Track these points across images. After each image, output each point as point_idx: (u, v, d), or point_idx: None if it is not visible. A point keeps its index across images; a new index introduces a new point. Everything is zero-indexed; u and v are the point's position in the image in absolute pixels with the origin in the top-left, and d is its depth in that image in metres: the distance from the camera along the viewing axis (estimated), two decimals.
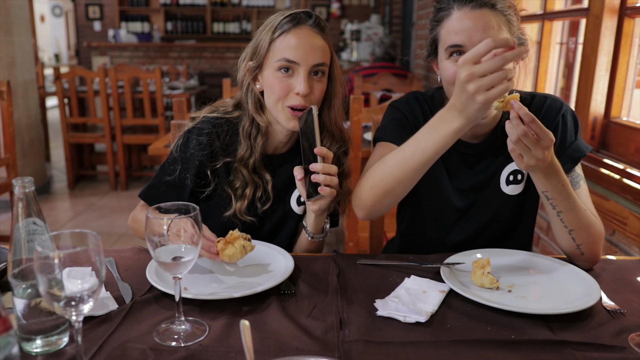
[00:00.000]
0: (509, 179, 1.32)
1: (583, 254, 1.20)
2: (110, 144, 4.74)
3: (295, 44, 1.24)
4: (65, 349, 0.88)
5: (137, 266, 1.19)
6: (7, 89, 2.69)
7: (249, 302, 1.03)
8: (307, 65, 1.24)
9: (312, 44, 1.25)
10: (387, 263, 1.23)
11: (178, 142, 1.35)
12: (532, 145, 1.05)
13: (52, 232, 0.80)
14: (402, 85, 3.92)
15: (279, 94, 1.26)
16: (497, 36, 1.14)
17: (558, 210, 1.17)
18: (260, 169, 1.35)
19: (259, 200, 1.35)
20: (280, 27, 1.27)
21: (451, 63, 1.19)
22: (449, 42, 1.18)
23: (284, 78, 1.25)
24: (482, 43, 0.98)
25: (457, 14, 1.18)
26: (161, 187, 1.33)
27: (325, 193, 1.18)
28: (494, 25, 1.15)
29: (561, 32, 2.77)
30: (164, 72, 5.82)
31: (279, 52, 1.25)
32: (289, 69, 1.25)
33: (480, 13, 1.16)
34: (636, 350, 0.90)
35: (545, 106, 1.31)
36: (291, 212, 1.41)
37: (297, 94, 1.24)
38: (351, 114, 2.29)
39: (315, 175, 1.17)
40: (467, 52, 1.01)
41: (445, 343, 0.91)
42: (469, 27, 1.15)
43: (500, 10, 1.17)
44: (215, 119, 1.34)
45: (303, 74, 1.24)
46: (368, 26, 7.34)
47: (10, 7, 4.17)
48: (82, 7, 9.20)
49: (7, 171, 2.85)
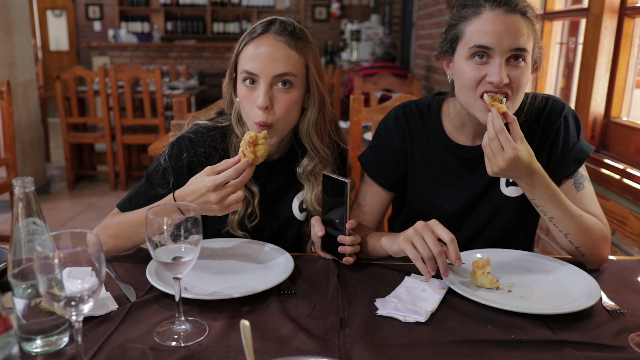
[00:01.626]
0: (509, 181, 1.32)
1: (584, 255, 1.20)
2: (110, 144, 4.74)
3: (253, 55, 1.21)
4: (65, 349, 0.88)
5: (137, 266, 1.19)
6: (7, 89, 2.69)
7: (249, 302, 1.03)
8: (267, 76, 1.20)
9: (272, 54, 1.20)
10: (387, 263, 1.23)
11: (167, 152, 1.29)
12: (496, 152, 1.10)
13: (52, 232, 0.80)
14: (402, 85, 3.92)
15: (247, 110, 1.24)
16: (526, 45, 1.13)
17: (549, 217, 1.18)
18: (249, 183, 1.29)
19: (247, 217, 1.31)
20: (246, 37, 1.24)
21: (472, 64, 1.16)
22: (476, 42, 1.14)
23: (249, 91, 1.22)
24: None
25: (489, 15, 1.13)
26: (150, 197, 1.25)
27: (349, 263, 1.20)
28: (525, 33, 1.13)
29: (561, 32, 2.77)
30: (164, 72, 5.82)
31: (242, 64, 1.23)
32: (253, 81, 1.22)
33: (514, 18, 1.13)
34: (636, 350, 0.90)
35: (548, 108, 1.30)
36: (293, 219, 1.39)
37: (259, 107, 1.20)
38: (351, 114, 2.29)
39: (343, 248, 1.19)
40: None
41: (445, 343, 0.91)
42: (500, 30, 1.12)
43: (530, 19, 1.15)
44: (211, 128, 1.31)
45: (263, 85, 1.20)
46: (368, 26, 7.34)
47: (10, 7, 4.17)
48: (82, 7, 9.20)
49: (7, 171, 2.85)
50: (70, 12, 9.75)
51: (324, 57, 8.41)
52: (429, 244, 1.07)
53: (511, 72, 1.14)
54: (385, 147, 1.36)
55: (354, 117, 2.29)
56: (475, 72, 1.16)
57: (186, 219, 0.90)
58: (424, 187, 1.35)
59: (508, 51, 1.13)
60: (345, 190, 1.16)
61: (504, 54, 1.13)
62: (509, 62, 1.14)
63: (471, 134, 1.31)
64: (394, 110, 1.38)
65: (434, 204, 1.35)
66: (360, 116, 2.28)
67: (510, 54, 1.13)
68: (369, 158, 1.38)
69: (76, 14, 9.36)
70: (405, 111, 1.37)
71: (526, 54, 1.14)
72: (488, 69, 1.14)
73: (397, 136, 1.35)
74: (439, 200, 1.35)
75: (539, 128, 1.30)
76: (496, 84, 1.13)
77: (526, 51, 1.14)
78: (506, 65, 1.14)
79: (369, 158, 1.38)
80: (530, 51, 1.15)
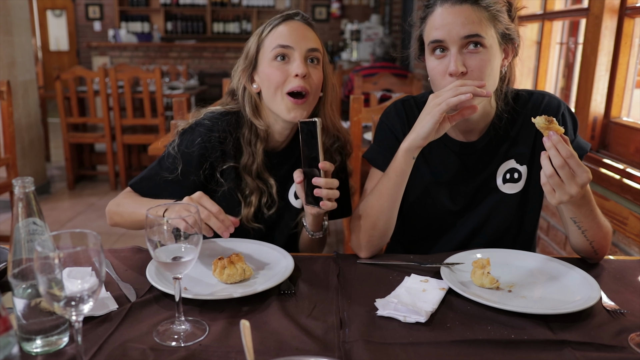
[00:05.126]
0: (506, 177, 1.32)
1: (595, 249, 1.21)
2: (110, 144, 4.74)
3: (287, 31, 1.27)
4: (65, 349, 0.88)
5: (137, 266, 1.19)
6: (7, 89, 2.69)
7: (249, 302, 1.03)
8: (302, 49, 1.26)
9: (304, 32, 1.28)
10: (387, 263, 1.23)
11: (177, 140, 1.33)
12: (567, 180, 1.02)
13: (52, 232, 0.80)
14: (402, 85, 3.92)
15: (277, 81, 1.26)
16: (478, 31, 1.15)
17: (583, 230, 1.18)
18: (263, 173, 1.35)
19: (265, 206, 1.36)
20: (268, 25, 1.29)
21: (434, 59, 1.21)
22: (431, 38, 1.20)
23: (281, 65, 1.26)
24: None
25: (439, 10, 1.19)
26: (158, 181, 1.32)
27: (326, 207, 1.19)
28: (475, 20, 1.16)
29: (561, 32, 2.77)
30: (164, 72, 5.82)
31: (272, 42, 1.27)
32: (285, 56, 1.26)
33: (461, 9, 1.17)
34: (636, 350, 0.90)
35: (544, 104, 1.31)
36: (289, 206, 1.41)
37: (296, 76, 1.25)
38: (351, 114, 2.29)
39: (318, 190, 1.18)
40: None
41: (445, 343, 0.91)
42: (448, 22, 1.17)
43: (484, 6, 1.18)
44: (225, 113, 1.34)
45: (299, 57, 1.25)
46: (368, 26, 7.34)
47: (10, 7, 4.17)
48: (82, 7, 9.20)
49: (7, 171, 2.85)
50: (70, 12, 9.76)
51: None
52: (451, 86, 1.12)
53: (469, 60, 1.17)
54: (390, 138, 1.37)
55: (354, 117, 2.29)
56: (438, 67, 1.20)
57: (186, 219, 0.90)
58: (422, 181, 1.35)
59: (459, 39, 1.16)
60: (316, 128, 1.16)
61: (456, 43, 1.16)
62: (465, 51, 1.17)
63: (462, 130, 1.31)
64: (394, 104, 1.40)
65: (432, 199, 1.36)
66: (360, 116, 2.28)
67: (464, 42, 1.16)
68: (377, 153, 1.37)
69: (76, 14, 9.36)
70: (405, 105, 1.39)
71: (482, 39, 1.16)
72: (447, 61, 1.18)
73: (399, 127, 1.36)
74: (436, 195, 1.35)
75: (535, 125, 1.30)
76: (452, 73, 1.16)
77: (479, 36, 1.16)
78: (463, 54, 1.17)
79: (377, 153, 1.37)
80: (486, 36, 1.16)
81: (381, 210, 1.25)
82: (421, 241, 1.43)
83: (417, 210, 1.39)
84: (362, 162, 2.43)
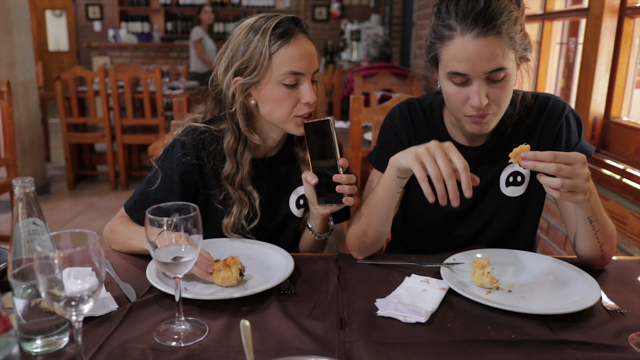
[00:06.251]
0: (509, 180, 1.32)
1: (603, 253, 1.19)
2: (110, 144, 4.74)
3: (298, 55, 1.20)
4: (65, 349, 0.88)
5: (137, 266, 1.19)
6: (7, 89, 2.69)
7: (249, 302, 1.03)
8: (310, 72, 1.23)
9: (311, 53, 1.23)
10: (388, 263, 1.23)
11: (162, 156, 1.30)
12: (572, 172, 1.01)
13: (52, 232, 0.80)
14: (402, 85, 3.91)
15: (288, 107, 1.23)
16: (502, 64, 1.12)
17: (596, 230, 1.16)
18: (247, 185, 1.30)
19: (245, 219, 1.31)
20: (274, 38, 1.20)
21: (453, 85, 1.17)
22: (452, 69, 1.14)
23: (291, 91, 1.22)
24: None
25: (460, 42, 1.12)
26: (149, 203, 1.24)
27: (349, 203, 1.18)
28: (499, 53, 1.11)
29: (561, 32, 2.77)
30: (164, 72, 5.82)
31: (284, 66, 1.20)
32: (296, 83, 1.22)
33: (485, 42, 1.10)
34: (636, 350, 0.90)
35: (549, 107, 1.30)
36: (290, 216, 1.39)
37: (307, 104, 1.22)
38: (351, 114, 2.30)
39: (341, 187, 1.17)
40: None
41: (445, 343, 0.91)
42: (472, 57, 1.11)
43: (505, 33, 1.12)
44: (201, 132, 1.29)
45: (307, 81, 1.22)
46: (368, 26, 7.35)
47: (10, 7, 4.17)
48: (82, 7, 9.21)
49: (7, 171, 2.85)
50: (70, 12, 9.76)
51: (324, 57, 8.41)
52: (440, 165, 1.02)
53: (492, 91, 1.14)
54: (394, 140, 1.36)
55: (354, 117, 2.29)
56: (457, 94, 1.17)
57: (186, 219, 0.90)
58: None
59: (483, 74, 1.12)
60: (330, 126, 1.16)
61: (480, 77, 1.13)
62: (488, 81, 1.14)
63: (468, 135, 1.31)
64: (398, 106, 1.39)
65: (435, 203, 1.35)
66: (360, 116, 2.29)
67: (487, 75, 1.13)
68: (380, 156, 1.35)
69: (76, 14, 9.36)
70: (409, 107, 1.37)
71: (505, 71, 1.13)
72: (469, 91, 1.15)
73: (404, 130, 1.35)
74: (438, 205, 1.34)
75: (539, 127, 1.30)
76: (476, 106, 1.14)
77: (504, 69, 1.13)
78: (486, 85, 1.14)
79: (380, 156, 1.35)
80: (509, 66, 1.13)
81: (370, 220, 1.24)
82: (424, 243, 1.43)
83: (421, 212, 1.39)
84: (363, 162, 2.43)
